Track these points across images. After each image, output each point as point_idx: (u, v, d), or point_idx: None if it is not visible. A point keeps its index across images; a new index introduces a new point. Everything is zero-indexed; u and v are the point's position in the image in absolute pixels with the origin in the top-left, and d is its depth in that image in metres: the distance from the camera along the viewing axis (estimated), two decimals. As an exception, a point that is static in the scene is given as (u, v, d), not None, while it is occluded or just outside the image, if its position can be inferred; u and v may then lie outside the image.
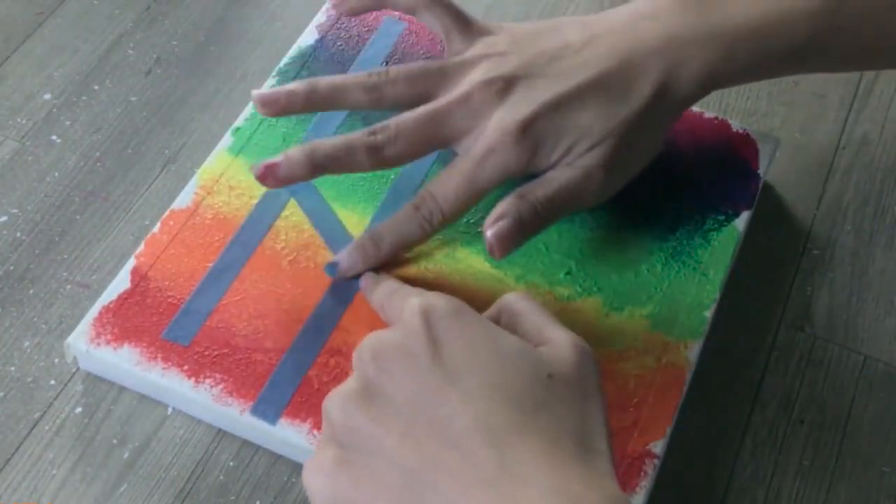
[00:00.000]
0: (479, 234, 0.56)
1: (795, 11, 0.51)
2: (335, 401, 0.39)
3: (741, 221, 0.58)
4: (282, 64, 0.63)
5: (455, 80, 0.53)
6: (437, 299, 0.40)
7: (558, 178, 0.52)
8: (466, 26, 0.54)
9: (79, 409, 0.52)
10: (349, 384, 0.40)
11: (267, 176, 0.50)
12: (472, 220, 0.56)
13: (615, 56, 0.51)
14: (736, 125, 0.62)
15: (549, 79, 0.51)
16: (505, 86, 0.51)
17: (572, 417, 0.38)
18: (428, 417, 0.37)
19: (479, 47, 0.54)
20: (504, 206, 0.51)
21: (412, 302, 0.40)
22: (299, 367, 0.51)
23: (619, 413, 0.50)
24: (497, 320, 0.44)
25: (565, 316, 0.53)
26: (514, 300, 0.44)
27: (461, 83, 0.52)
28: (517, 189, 0.52)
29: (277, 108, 0.52)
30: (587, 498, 0.34)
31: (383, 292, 0.49)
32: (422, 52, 0.63)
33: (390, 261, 0.54)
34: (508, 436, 0.36)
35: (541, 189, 0.52)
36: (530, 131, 0.50)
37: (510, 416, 0.37)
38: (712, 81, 0.52)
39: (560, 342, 0.41)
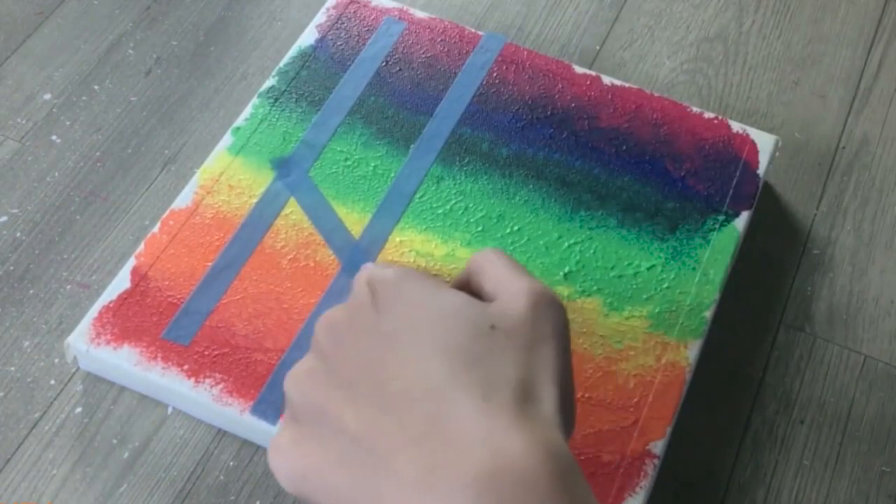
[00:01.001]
0: (479, 234, 0.56)
1: None
2: (290, 379, 0.39)
3: (741, 221, 0.58)
4: (282, 64, 0.63)
5: None
6: (382, 269, 0.40)
7: None
8: None
9: (79, 409, 0.52)
10: (305, 361, 0.40)
11: None
12: (471, 220, 0.57)
13: None
14: (736, 125, 0.62)
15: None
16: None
17: (513, 367, 0.37)
18: (368, 383, 0.37)
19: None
20: None
21: (360, 275, 0.40)
22: (299, 367, 0.51)
23: (619, 413, 0.50)
24: (467, 281, 0.43)
25: (565, 316, 0.53)
26: (478, 257, 0.43)
27: None
28: None
29: None
30: (513, 449, 0.33)
31: None
32: (422, 51, 0.63)
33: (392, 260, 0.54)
34: (440, 393, 0.36)
35: None
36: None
37: (445, 373, 0.36)
38: None
39: (511, 293, 0.40)
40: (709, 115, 0.62)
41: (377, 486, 0.35)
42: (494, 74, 0.63)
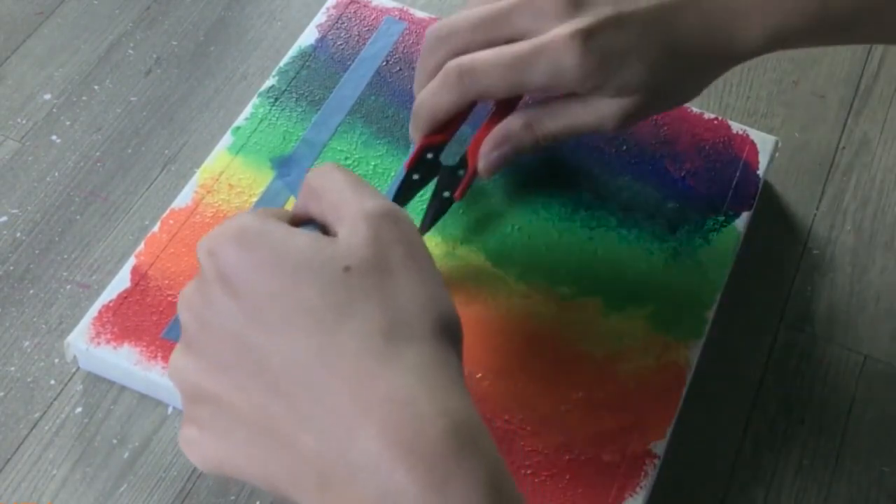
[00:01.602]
0: (479, 233, 0.56)
1: None
2: (172, 370, 0.38)
3: (741, 222, 0.58)
4: (282, 64, 0.63)
5: None
6: (218, 231, 0.38)
7: (578, 113, 0.50)
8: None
9: (79, 409, 0.52)
10: (180, 348, 0.38)
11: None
12: (471, 219, 0.56)
13: None
14: (736, 125, 0.62)
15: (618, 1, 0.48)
16: None
17: (377, 310, 0.36)
18: (247, 365, 0.36)
19: None
20: (506, 132, 0.51)
21: (199, 247, 0.38)
22: (299, 367, 0.51)
23: (619, 413, 0.50)
24: (305, 207, 0.41)
25: (565, 316, 0.53)
26: (312, 178, 0.41)
27: None
28: (526, 113, 0.51)
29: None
30: (400, 416, 0.33)
31: None
32: (422, 52, 0.63)
33: None
34: (316, 366, 0.35)
35: (552, 123, 0.51)
36: (595, 42, 0.47)
37: (314, 341, 0.35)
38: (774, 41, 0.50)
39: (351, 220, 0.38)
40: (709, 115, 0.62)
41: (290, 467, 0.35)
42: (494, 74, 0.63)
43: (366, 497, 0.33)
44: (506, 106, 0.53)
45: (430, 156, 0.52)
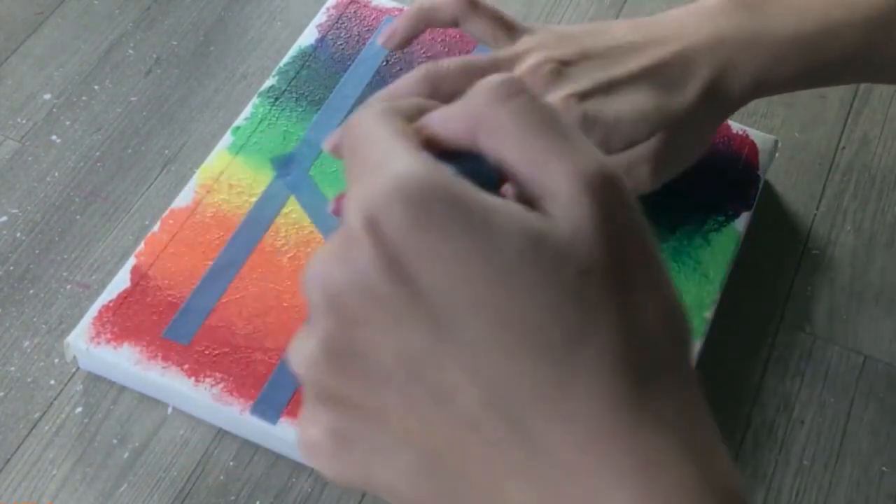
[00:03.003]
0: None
1: (848, 20, 0.50)
2: (301, 363, 0.29)
3: (741, 222, 0.58)
4: (282, 64, 0.63)
5: (507, 69, 0.51)
6: (379, 188, 0.26)
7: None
8: (511, 28, 0.53)
9: (79, 409, 0.52)
10: (311, 338, 0.28)
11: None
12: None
13: (668, 50, 0.50)
14: (736, 125, 0.62)
15: (603, 61, 0.50)
16: (558, 68, 0.49)
17: (618, 333, 0.26)
18: (426, 387, 0.27)
19: (527, 41, 0.52)
20: None
21: (353, 207, 0.26)
22: (299, 367, 0.51)
23: (619, 413, 0.50)
24: (474, 137, 0.28)
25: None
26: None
27: (514, 70, 0.50)
28: None
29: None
30: (648, 493, 0.25)
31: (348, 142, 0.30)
32: (422, 51, 0.63)
33: None
34: (534, 407, 0.26)
35: None
36: (582, 107, 0.48)
37: (531, 375, 0.26)
38: (762, 86, 0.51)
39: (565, 187, 0.26)
40: (709, 115, 0.62)
41: None
42: (494, 74, 0.63)
43: None
44: None
45: None
